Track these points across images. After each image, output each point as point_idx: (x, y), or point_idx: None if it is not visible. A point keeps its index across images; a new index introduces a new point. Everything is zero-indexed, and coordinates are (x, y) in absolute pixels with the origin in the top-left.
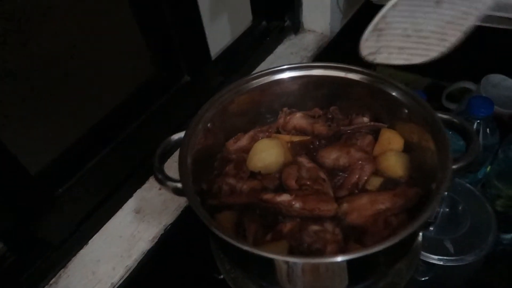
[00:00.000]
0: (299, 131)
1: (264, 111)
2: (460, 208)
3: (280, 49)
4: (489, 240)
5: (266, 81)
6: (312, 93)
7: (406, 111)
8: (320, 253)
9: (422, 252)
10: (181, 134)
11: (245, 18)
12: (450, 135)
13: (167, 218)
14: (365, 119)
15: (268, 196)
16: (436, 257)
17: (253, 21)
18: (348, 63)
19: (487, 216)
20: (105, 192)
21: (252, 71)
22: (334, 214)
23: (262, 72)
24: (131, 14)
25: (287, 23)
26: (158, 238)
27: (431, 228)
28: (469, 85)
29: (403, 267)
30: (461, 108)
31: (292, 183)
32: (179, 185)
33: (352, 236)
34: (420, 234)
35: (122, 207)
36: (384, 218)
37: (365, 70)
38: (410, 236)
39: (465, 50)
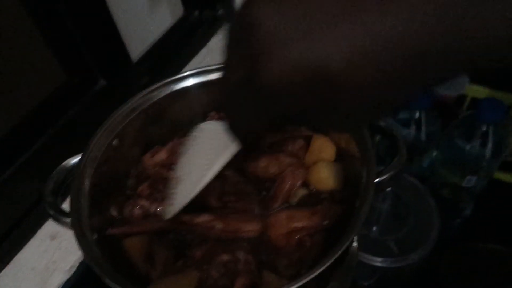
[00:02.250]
0: None
1: (184, 117)
2: (403, 203)
3: (214, 41)
4: (432, 236)
5: (176, 88)
6: None
7: None
8: None
9: (365, 255)
10: (79, 157)
11: (176, 9)
12: (394, 124)
13: None
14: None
15: (186, 218)
16: (380, 259)
17: (185, 12)
18: None
19: (430, 210)
20: (12, 218)
21: (183, 67)
22: (259, 234)
23: (169, 80)
24: (26, 14)
25: (220, 11)
26: (76, 266)
27: (374, 229)
28: None
29: (335, 284)
30: None
31: (212, 200)
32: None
33: (265, 261)
34: (355, 245)
35: (36, 234)
36: (298, 238)
37: None
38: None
39: None
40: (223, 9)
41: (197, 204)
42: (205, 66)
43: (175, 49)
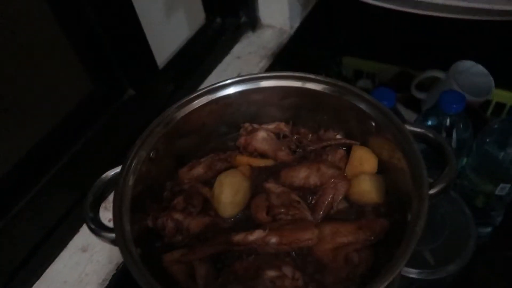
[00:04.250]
0: (262, 155)
1: (218, 128)
2: (438, 213)
3: (238, 49)
4: (469, 247)
5: (214, 97)
6: (274, 104)
7: (373, 124)
8: None
9: None
10: (118, 169)
11: (198, 17)
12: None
13: (119, 255)
14: (338, 136)
15: (239, 237)
16: (416, 271)
17: (206, 19)
18: (309, 67)
19: (466, 219)
20: (43, 231)
21: (208, 75)
22: (317, 241)
23: (208, 88)
24: (55, 23)
25: (243, 19)
26: (109, 279)
27: None
28: (438, 73)
29: None
30: (430, 97)
31: (263, 215)
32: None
33: (311, 278)
34: None
35: (67, 246)
36: (345, 253)
37: (322, 78)
38: None
39: (433, 37)
40: (245, 16)
41: (244, 223)
42: (247, 75)
43: (198, 57)
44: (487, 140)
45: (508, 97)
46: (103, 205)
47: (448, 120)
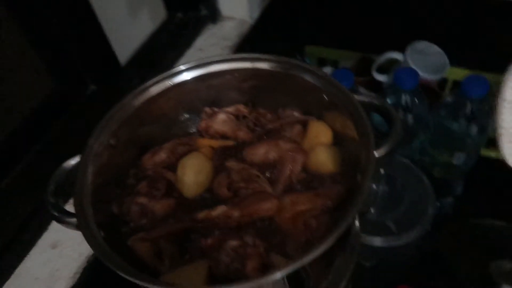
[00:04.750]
0: (223, 136)
1: (180, 114)
2: (398, 184)
3: (199, 41)
4: (429, 213)
5: (171, 84)
6: (233, 87)
7: (326, 98)
8: (240, 272)
9: (365, 236)
10: (78, 158)
11: (159, 13)
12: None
13: (89, 248)
14: (295, 113)
15: (202, 214)
16: (380, 238)
17: (168, 15)
18: (270, 50)
19: (425, 188)
20: (11, 230)
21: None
22: (277, 211)
23: (164, 75)
24: (14, 24)
25: (204, 12)
26: (80, 272)
27: (372, 210)
28: (396, 55)
29: (342, 264)
30: (390, 78)
31: (224, 191)
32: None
33: (273, 245)
34: (357, 224)
35: (36, 244)
36: (303, 220)
37: (272, 57)
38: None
39: (389, 20)
40: (206, 9)
41: (209, 201)
42: (200, 60)
43: (161, 51)
44: (441, 113)
45: (462, 74)
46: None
47: (404, 97)
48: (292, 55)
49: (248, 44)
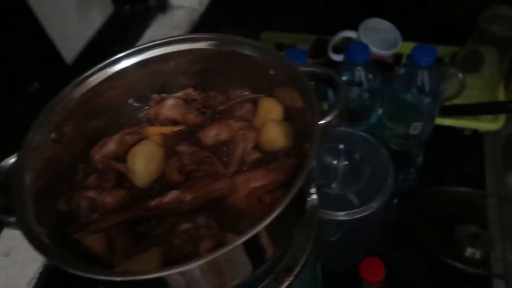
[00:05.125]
0: (173, 122)
1: (128, 104)
2: (357, 157)
3: (149, 33)
4: (388, 183)
5: (110, 73)
6: (180, 72)
7: (272, 72)
8: (193, 254)
9: (329, 212)
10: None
11: (106, 7)
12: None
13: None
14: (246, 93)
15: (154, 202)
16: (343, 213)
17: (115, 8)
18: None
19: (384, 159)
20: None
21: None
22: (230, 190)
23: (102, 64)
24: None
25: (152, 2)
26: (37, 277)
27: (334, 185)
28: (350, 33)
29: (302, 238)
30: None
31: (175, 176)
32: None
33: (228, 225)
34: (314, 198)
35: None
36: (258, 197)
37: (211, 35)
38: (291, 208)
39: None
40: (154, 0)
41: (161, 187)
42: (138, 46)
43: (110, 46)
44: (394, 85)
45: None
46: None
47: (357, 72)
48: None
49: (200, 31)
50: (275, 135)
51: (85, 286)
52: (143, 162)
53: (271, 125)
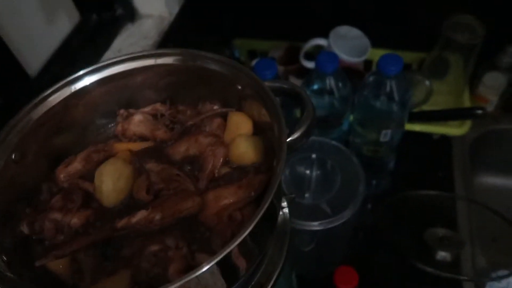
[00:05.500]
0: (141, 138)
1: (95, 120)
2: (329, 166)
3: (118, 42)
4: (360, 191)
5: (72, 90)
6: (148, 87)
7: (239, 87)
8: (162, 277)
9: (302, 222)
10: None
11: (72, 17)
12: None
13: None
14: (215, 107)
15: (122, 222)
16: (316, 223)
17: (81, 17)
18: (194, 46)
19: (355, 168)
20: None
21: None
22: (200, 208)
23: (63, 82)
24: None
25: (119, 11)
26: None
27: (307, 195)
28: (320, 41)
29: (274, 253)
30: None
31: (143, 194)
32: None
33: (198, 244)
34: (286, 212)
35: None
36: (228, 214)
37: (175, 51)
38: (262, 224)
39: (315, 6)
40: (121, 8)
41: (129, 207)
42: (102, 62)
43: (76, 57)
44: (364, 93)
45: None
46: None
47: (328, 80)
48: (219, 50)
49: (170, 41)
50: (244, 150)
51: None
52: (111, 181)
53: (241, 140)
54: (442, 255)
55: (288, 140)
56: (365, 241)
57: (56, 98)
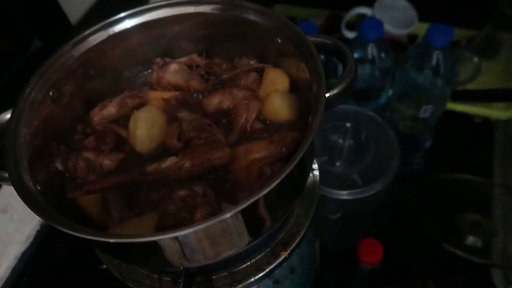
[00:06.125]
0: (175, 87)
1: (130, 67)
2: (363, 137)
3: None
4: (393, 165)
5: (111, 32)
6: (185, 37)
7: (279, 40)
8: (187, 221)
9: (331, 190)
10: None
11: None
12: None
13: None
14: (252, 62)
15: (152, 167)
16: (345, 192)
17: None
18: None
19: (390, 140)
20: None
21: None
22: (230, 159)
23: (103, 23)
24: None
25: None
26: (33, 236)
27: (338, 164)
28: (364, 10)
29: (301, 213)
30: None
31: (174, 142)
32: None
33: (226, 195)
34: (316, 174)
35: None
36: (257, 168)
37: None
38: (290, 181)
39: None
40: None
41: (160, 153)
42: (142, 6)
43: (115, 8)
44: (407, 65)
45: None
46: None
47: (370, 49)
48: None
49: None
50: (279, 106)
51: (81, 248)
52: (145, 128)
53: (276, 96)
54: (472, 240)
55: (326, 95)
56: (392, 218)
57: (96, 38)
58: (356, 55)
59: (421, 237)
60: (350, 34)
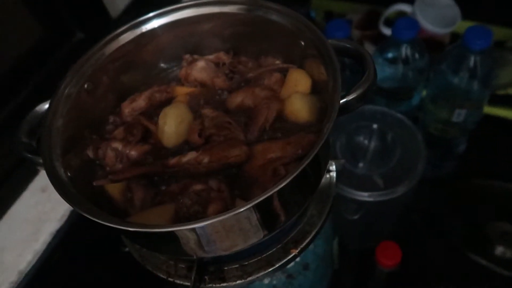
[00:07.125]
0: (201, 84)
1: (159, 61)
2: (389, 139)
3: None
4: (418, 170)
5: (139, 32)
6: (213, 35)
7: (302, 43)
8: (200, 215)
9: (351, 190)
10: None
11: None
12: (380, 62)
13: None
14: (277, 62)
15: (173, 160)
16: (366, 193)
17: None
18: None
19: (417, 144)
20: (3, 174)
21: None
22: (246, 158)
23: (132, 23)
24: None
25: None
26: (68, 215)
27: (361, 165)
28: (404, 7)
29: (314, 213)
30: None
31: (195, 137)
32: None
33: (240, 191)
34: (333, 176)
35: (27, 187)
36: (273, 168)
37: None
38: (303, 180)
39: None
40: None
41: (181, 147)
42: (171, 6)
43: (156, 3)
44: (442, 66)
45: None
46: None
47: (404, 49)
48: (295, 8)
49: None
50: (299, 107)
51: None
52: (174, 123)
53: (297, 97)
54: (501, 250)
55: (342, 101)
56: (415, 223)
57: (127, 36)
58: (389, 55)
59: (444, 243)
60: (388, 31)
